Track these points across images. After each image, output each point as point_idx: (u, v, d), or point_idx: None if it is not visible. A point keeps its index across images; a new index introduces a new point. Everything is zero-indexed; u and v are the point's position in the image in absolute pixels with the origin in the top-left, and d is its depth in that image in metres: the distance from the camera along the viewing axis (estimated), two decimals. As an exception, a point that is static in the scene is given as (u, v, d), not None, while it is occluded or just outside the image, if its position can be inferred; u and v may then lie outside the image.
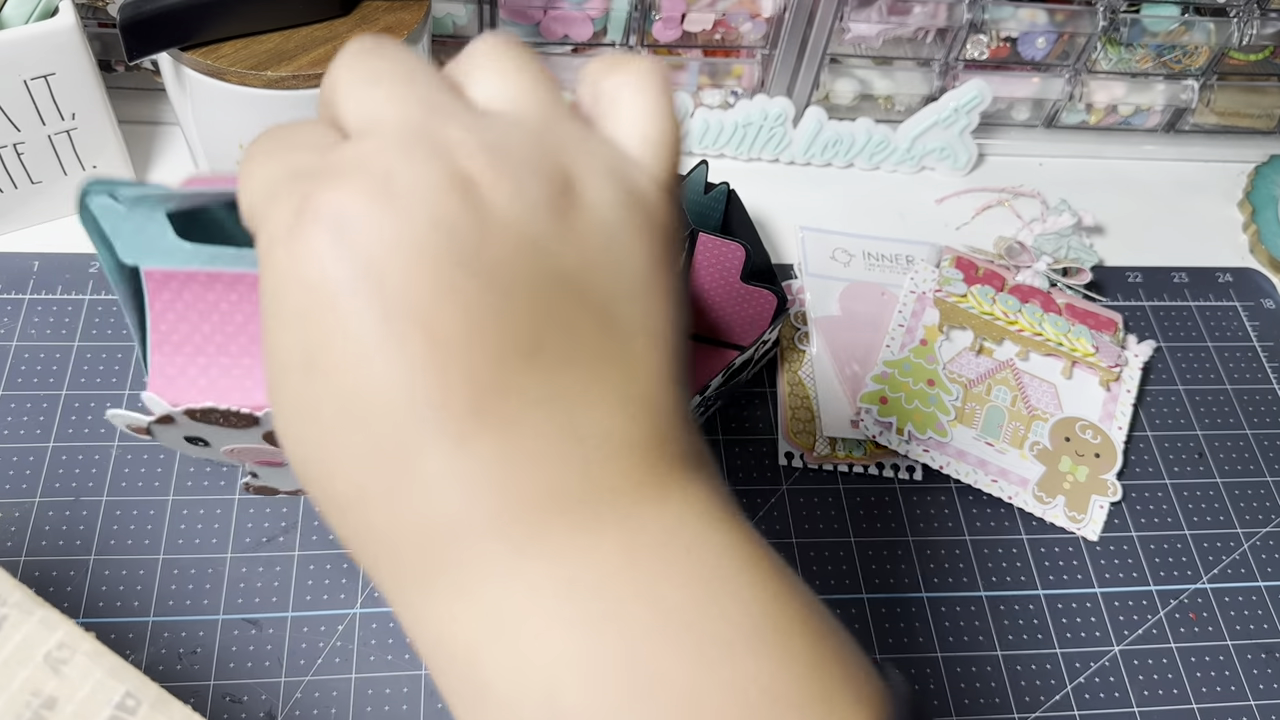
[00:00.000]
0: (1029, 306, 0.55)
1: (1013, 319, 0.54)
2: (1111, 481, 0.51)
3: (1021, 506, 0.50)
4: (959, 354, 0.54)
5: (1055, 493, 0.50)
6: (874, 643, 0.46)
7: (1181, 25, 0.60)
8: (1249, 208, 0.65)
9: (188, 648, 0.43)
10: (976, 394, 0.53)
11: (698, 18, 0.58)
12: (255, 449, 0.35)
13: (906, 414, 0.51)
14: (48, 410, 0.48)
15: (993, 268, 0.57)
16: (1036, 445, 0.51)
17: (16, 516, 0.45)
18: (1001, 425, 0.52)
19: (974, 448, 0.51)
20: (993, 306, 0.54)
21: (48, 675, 0.27)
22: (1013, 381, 0.53)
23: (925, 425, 0.51)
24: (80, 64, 0.48)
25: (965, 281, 0.55)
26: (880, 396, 0.52)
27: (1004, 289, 0.55)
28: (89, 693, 0.27)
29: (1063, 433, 0.52)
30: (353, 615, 0.44)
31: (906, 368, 0.53)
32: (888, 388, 0.52)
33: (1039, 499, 0.50)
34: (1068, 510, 0.50)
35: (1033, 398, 0.53)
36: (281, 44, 0.43)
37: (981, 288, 0.55)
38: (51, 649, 0.27)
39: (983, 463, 0.51)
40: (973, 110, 0.62)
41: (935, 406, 0.52)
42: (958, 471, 0.50)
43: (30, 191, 0.52)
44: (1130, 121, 0.67)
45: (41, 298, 0.52)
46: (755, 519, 0.48)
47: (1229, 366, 0.57)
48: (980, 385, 0.53)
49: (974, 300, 0.55)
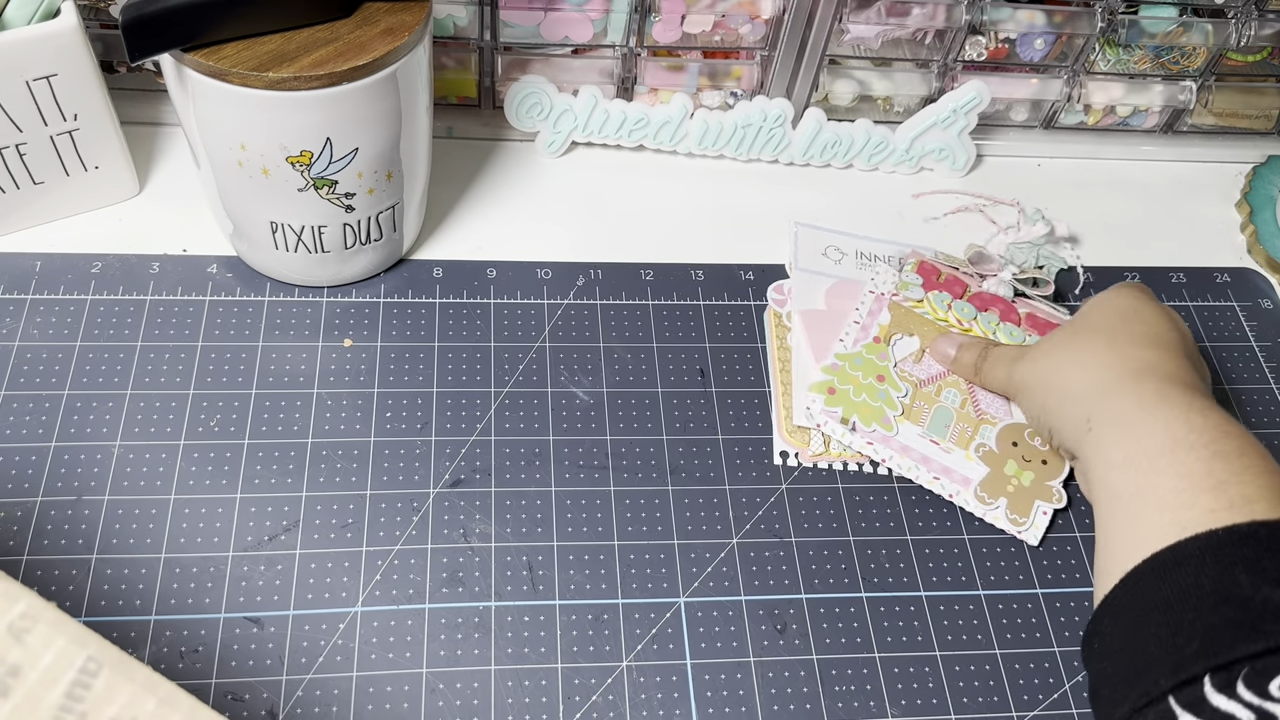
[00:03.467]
0: (985, 315, 0.55)
1: (966, 326, 0.54)
2: (1057, 489, 0.51)
3: (962, 506, 0.50)
4: (912, 354, 0.54)
5: (998, 494, 0.50)
6: (873, 641, 0.46)
7: (1179, 26, 0.60)
8: (1247, 208, 0.65)
9: (189, 646, 0.43)
10: (926, 394, 0.53)
11: (697, 19, 0.58)
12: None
13: (853, 406, 0.52)
14: (50, 410, 0.48)
15: (956, 274, 0.57)
16: (983, 447, 0.51)
17: (19, 516, 0.45)
18: (949, 425, 0.52)
19: (919, 444, 0.51)
20: (947, 313, 0.55)
21: (10, 644, 0.27)
22: (963, 385, 0.53)
23: (871, 418, 0.51)
24: (82, 65, 0.48)
25: (924, 287, 0.56)
26: (828, 387, 0.52)
27: (963, 296, 0.56)
28: (52, 659, 0.27)
29: (1010, 438, 0.52)
30: (354, 614, 0.44)
31: (858, 361, 0.53)
32: (836, 379, 0.52)
33: (980, 499, 0.50)
34: (1009, 513, 0.50)
35: (982, 402, 0.53)
36: (283, 45, 0.43)
37: (939, 294, 0.55)
38: (14, 619, 0.28)
39: (926, 459, 0.51)
40: (971, 111, 0.62)
41: (883, 401, 0.52)
42: (900, 466, 0.50)
43: (33, 192, 0.53)
44: (1128, 122, 0.67)
45: (44, 298, 0.52)
46: (754, 519, 0.49)
47: (1227, 366, 0.58)
48: (930, 386, 0.53)
49: (929, 306, 0.55)
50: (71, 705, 0.27)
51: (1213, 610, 0.33)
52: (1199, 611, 0.33)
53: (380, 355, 0.52)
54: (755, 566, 0.47)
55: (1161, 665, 0.33)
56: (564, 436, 0.50)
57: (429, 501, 0.48)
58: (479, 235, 0.58)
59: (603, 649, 0.45)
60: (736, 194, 0.62)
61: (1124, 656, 0.35)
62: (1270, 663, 0.30)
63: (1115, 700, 0.34)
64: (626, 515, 0.48)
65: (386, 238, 0.53)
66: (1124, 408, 0.41)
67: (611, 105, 0.60)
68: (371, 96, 0.45)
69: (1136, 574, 0.36)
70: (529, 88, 0.59)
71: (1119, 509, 0.38)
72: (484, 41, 0.59)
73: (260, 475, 0.47)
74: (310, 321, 0.53)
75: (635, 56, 0.60)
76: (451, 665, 0.43)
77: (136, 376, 0.50)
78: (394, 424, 0.50)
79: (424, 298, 0.54)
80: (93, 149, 0.52)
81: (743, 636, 0.46)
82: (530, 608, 0.45)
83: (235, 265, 0.54)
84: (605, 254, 0.58)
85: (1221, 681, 0.31)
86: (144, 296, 0.52)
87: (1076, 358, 0.45)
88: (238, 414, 0.49)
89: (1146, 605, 0.35)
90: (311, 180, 0.47)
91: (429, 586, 0.45)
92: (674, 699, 0.44)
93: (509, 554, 0.47)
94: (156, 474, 0.47)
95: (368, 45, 0.44)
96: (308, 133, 0.45)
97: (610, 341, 0.54)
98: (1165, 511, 0.36)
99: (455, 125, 0.62)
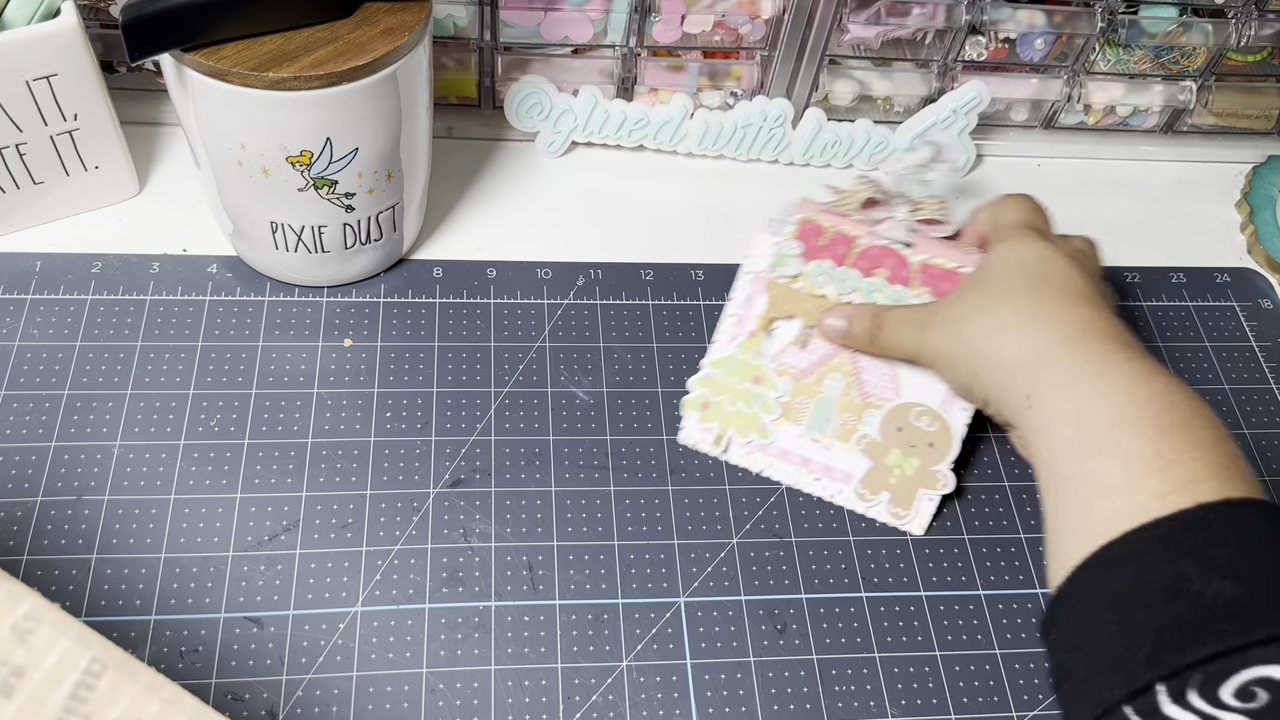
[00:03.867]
0: (870, 281, 0.50)
1: (847, 299, 0.50)
2: (943, 473, 0.48)
3: (844, 505, 0.48)
4: (795, 339, 0.50)
5: (879, 489, 0.48)
6: (873, 641, 0.46)
7: (1179, 26, 0.60)
8: (1247, 208, 0.65)
9: (189, 646, 0.43)
10: (806, 385, 0.49)
11: (697, 19, 0.58)
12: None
13: (729, 419, 0.49)
14: (50, 410, 0.48)
15: (844, 228, 0.51)
16: (865, 439, 0.49)
17: (19, 516, 0.45)
18: (830, 419, 0.49)
19: (798, 446, 0.49)
20: (826, 287, 0.50)
21: (14, 645, 0.27)
22: (848, 367, 0.49)
23: (747, 429, 0.49)
24: (82, 65, 0.48)
25: (805, 255, 0.50)
26: (702, 402, 0.49)
27: (849, 255, 0.50)
28: (56, 660, 0.27)
29: (895, 422, 0.49)
30: (354, 613, 0.44)
31: (732, 366, 0.50)
32: (710, 391, 0.49)
33: (861, 496, 0.48)
34: (891, 506, 0.48)
35: (868, 384, 0.49)
36: (283, 45, 0.43)
37: (819, 263, 0.50)
38: (18, 620, 0.28)
39: (806, 461, 0.49)
40: (971, 111, 0.62)
41: (759, 406, 0.49)
42: (779, 474, 0.48)
43: (33, 192, 0.53)
44: (1128, 122, 0.67)
45: (44, 298, 0.52)
46: (754, 519, 0.49)
47: (1227, 367, 0.58)
48: (811, 375, 0.49)
49: (808, 281, 0.50)
50: (76, 706, 0.27)
51: (1163, 609, 0.32)
52: (1149, 611, 0.32)
53: (380, 355, 0.52)
54: (755, 566, 0.47)
55: (1115, 671, 0.32)
56: (564, 436, 0.50)
57: (429, 501, 0.48)
58: (479, 235, 0.58)
59: (603, 649, 0.45)
60: (736, 194, 0.62)
61: (1080, 655, 0.34)
62: (1221, 667, 0.30)
63: (1075, 699, 0.34)
64: (626, 515, 0.48)
65: (386, 238, 0.53)
66: (1066, 380, 0.40)
67: (611, 105, 0.60)
68: (371, 96, 0.45)
69: (1087, 567, 0.35)
70: (529, 88, 0.59)
71: (1067, 495, 0.38)
72: (484, 41, 0.59)
73: (260, 475, 0.47)
74: (310, 321, 0.53)
75: (635, 56, 0.60)
76: (451, 665, 0.43)
77: (136, 376, 0.50)
78: (394, 424, 0.50)
79: (424, 298, 0.54)
80: (93, 149, 0.52)
81: (743, 636, 0.46)
82: (530, 608, 0.45)
83: (235, 265, 0.54)
84: (605, 254, 0.58)
85: (1175, 690, 0.30)
86: (144, 296, 0.52)
87: (1002, 322, 0.43)
88: (238, 414, 0.49)
89: (1098, 601, 0.35)
90: (311, 180, 0.47)
91: (429, 586, 0.45)
92: (674, 699, 0.44)
93: (509, 554, 0.47)
94: (156, 474, 0.47)
95: (368, 45, 0.44)
96: (308, 133, 0.45)
97: (610, 341, 0.54)
98: (1114, 497, 0.36)
99: (455, 125, 0.62)
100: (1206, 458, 0.35)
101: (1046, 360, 0.41)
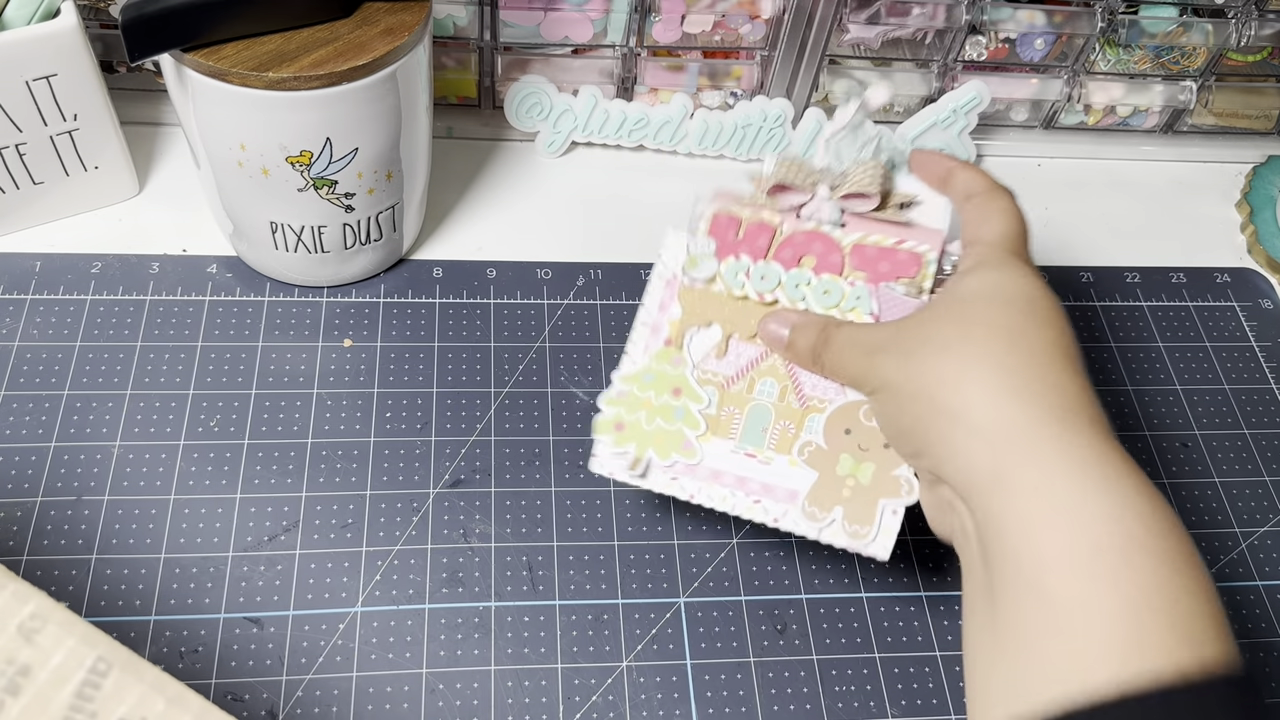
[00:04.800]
0: (794, 274, 0.43)
1: (770, 299, 0.43)
2: (905, 477, 0.40)
3: (791, 530, 0.41)
4: (714, 349, 0.43)
5: (831, 504, 0.40)
6: (873, 641, 0.46)
7: (1180, 26, 0.60)
8: (1247, 208, 0.65)
9: (189, 646, 0.43)
10: (735, 394, 0.42)
11: (697, 19, 0.58)
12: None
13: (647, 438, 0.42)
14: (50, 410, 0.48)
15: (764, 216, 0.44)
16: (808, 447, 0.41)
17: (19, 516, 0.45)
18: (766, 428, 0.42)
19: (731, 464, 0.41)
20: (745, 287, 0.43)
21: (21, 644, 0.28)
22: (782, 369, 0.42)
23: (668, 448, 0.42)
24: (82, 65, 0.48)
25: (718, 254, 0.44)
26: (616, 423, 0.42)
27: (771, 247, 0.43)
28: (62, 659, 0.28)
29: (842, 424, 0.41)
30: (354, 614, 0.44)
31: (648, 378, 0.43)
32: (624, 409, 0.42)
33: (810, 516, 0.41)
34: (847, 524, 0.40)
35: (807, 385, 0.42)
36: (283, 45, 0.43)
37: (735, 261, 0.43)
38: (24, 619, 0.28)
39: (741, 481, 0.41)
40: (971, 111, 0.62)
41: (681, 421, 0.42)
42: (711, 498, 0.41)
43: (32, 192, 0.53)
44: (1128, 122, 0.67)
45: (44, 298, 0.52)
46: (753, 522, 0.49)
47: (1227, 367, 0.58)
48: (740, 382, 0.43)
49: (723, 283, 0.43)
50: (82, 705, 0.27)
51: None
52: None
53: (380, 355, 0.52)
54: (755, 566, 0.47)
55: None
56: (564, 436, 0.50)
57: (429, 501, 0.48)
58: (479, 235, 0.58)
59: (603, 649, 0.45)
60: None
61: None
62: None
63: None
64: (626, 515, 0.48)
65: (386, 238, 0.53)
66: (1052, 472, 0.33)
67: (611, 105, 0.60)
68: (371, 96, 0.45)
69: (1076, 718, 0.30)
70: (529, 88, 0.59)
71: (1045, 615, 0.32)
72: (484, 41, 0.59)
73: (260, 475, 0.47)
74: (310, 321, 0.53)
75: (635, 56, 0.60)
76: (451, 665, 0.43)
77: (136, 376, 0.50)
78: (394, 424, 0.50)
79: (424, 298, 0.54)
80: (93, 149, 0.52)
81: (743, 636, 0.46)
82: (530, 608, 0.45)
83: (235, 265, 0.54)
84: (605, 254, 0.58)
85: None
86: (144, 296, 0.52)
87: (972, 370, 0.35)
88: (238, 414, 0.49)
89: None
90: (311, 180, 0.47)
91: (429, 586, 0.45)
92: (674, 699, 0.44)
93: (509, 554, 0.47)
94: (156, 474, 0.47)
95: (368, 45, 0.44)
96: (307, 133, 0.45)
97: (610, 341, 0.54)
98: (1110, 645, 0.30)
99: (455, 125, 0.62)
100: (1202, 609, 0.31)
101: (1025, 440, 0.34)
